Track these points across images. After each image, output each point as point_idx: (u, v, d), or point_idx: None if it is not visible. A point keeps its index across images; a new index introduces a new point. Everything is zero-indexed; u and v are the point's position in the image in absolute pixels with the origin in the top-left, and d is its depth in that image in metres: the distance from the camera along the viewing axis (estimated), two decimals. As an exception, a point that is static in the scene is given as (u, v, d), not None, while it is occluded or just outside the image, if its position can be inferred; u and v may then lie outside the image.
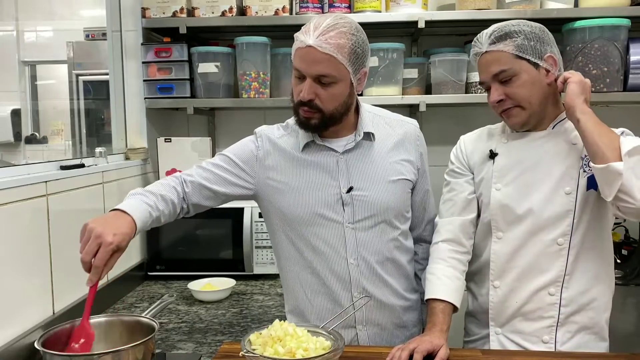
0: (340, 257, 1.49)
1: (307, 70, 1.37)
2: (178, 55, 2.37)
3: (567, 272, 1.46)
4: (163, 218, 1.45)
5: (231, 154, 1.55)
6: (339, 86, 1.39)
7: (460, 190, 1.59)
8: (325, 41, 1.34)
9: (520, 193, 1.48)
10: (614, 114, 2.57)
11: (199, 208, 1.54)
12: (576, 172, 1.45)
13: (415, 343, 1.35)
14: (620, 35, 2.19)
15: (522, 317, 1.51)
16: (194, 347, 1.64)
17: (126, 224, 1.31)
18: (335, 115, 1.43)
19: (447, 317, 1.47)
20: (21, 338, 1.48)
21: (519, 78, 1.43)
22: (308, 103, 1.39)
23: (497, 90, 1.45)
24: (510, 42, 1.42)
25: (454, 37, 2.58)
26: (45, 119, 3.92)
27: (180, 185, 1.50)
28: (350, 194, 1.48)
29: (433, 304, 1.49)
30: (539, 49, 1.42)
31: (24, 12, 3.80)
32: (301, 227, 1.49)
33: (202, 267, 2.28)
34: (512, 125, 1.50)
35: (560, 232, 1.45)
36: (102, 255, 1.23)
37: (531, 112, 1.45)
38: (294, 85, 1.44)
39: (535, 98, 1.44)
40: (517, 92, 1.43)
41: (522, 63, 1.42)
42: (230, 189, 1.53)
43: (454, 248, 1.57)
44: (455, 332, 1.61)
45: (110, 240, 1.24)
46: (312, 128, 1.45)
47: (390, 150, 1.53)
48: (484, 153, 1.56)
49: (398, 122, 1.58)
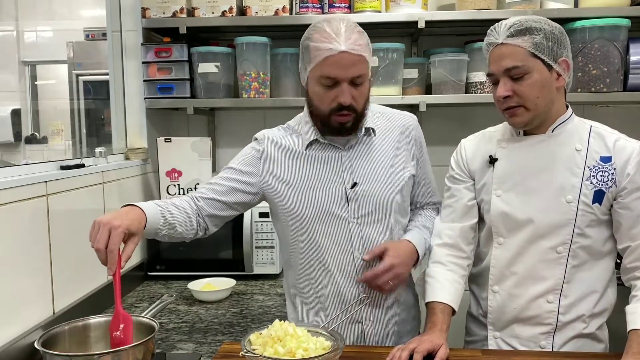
0: (346, 252, 1.51)
1: (344, 74, 1.39)
2: (178, 55, 2.37)
3: (566, 280, 1.45)
4: (179, 226, 1.46)
5: (234, 164, 1.59)
6: (367, 83, 1.46)
7: (460, 197, 1.58)
8: (355, 43, 1.38)
9: (521, 200, 1.47)
10: (614, 114, 2.58)
11: (216, 220, 1.57)
12: (578, 181, 1.42)
13: (415, 343, 1.35)
14: (620, 35, 2.19)
15: (520, 322, 1.51)
16: (194, 347, 1.64)
17: (134, 213, 1.34)
18: (364, 112, 1.48)
19: (447, 317, 1.47)
20: (21, 338, 1.47)
21: (531, 77, 1.38)
22: (347, 107, 1.42)
23: (505, 85, 1.40)
24: (529, 39, 1.37)
25: (454, 37, 2.59)
26: (45, 119, 3.91)
27: (192, 201, 1.54)
28: (354, 190, 1.50)
29: (433, 305, 1.50)
30: (555, 50, 1.38)
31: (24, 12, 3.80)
32: (308, 223, 1.51)
33: (202, 267, 2.28)
34: (514, 125, 1.47)
35: (560, 240, 1.44)
36: (115, 239, 1.25)
37: (535, 114, 1.42)
38: (320, 94, 1.43)
39: (542, 100, 1.40)
40: (526, 91, 1.39)
41: (537, 62, 1.38)
42: (240, 196, 1.56)
43: (453, 253, 1.56)
44: (456, 332, 1.62)
45: (118, 223, 1.26)
46: (347, 130, 1.47)
47: (391, 144, 1.55)
48: (484, 158, 1.54)
49: (396, 116, 1.60)
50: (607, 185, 1.42)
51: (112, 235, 1.25)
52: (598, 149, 1.44)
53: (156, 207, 1.42)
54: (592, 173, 1.42)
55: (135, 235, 1.31)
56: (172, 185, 2.43)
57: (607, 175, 1.42)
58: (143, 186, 2.41)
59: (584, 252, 1.45)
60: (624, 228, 1.42)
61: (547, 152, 1.45)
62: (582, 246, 1.44)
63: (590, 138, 1.45)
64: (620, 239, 1.44)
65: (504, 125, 1.57)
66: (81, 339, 1.38)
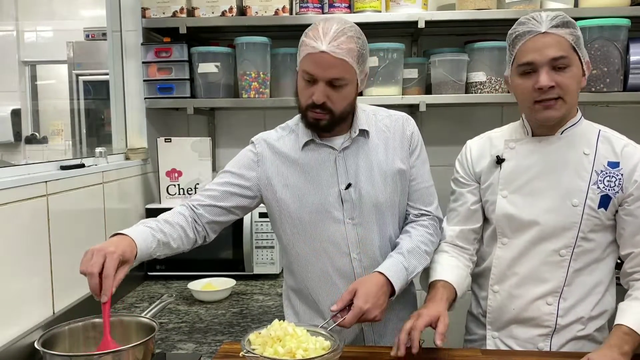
0: (343, 254, 1.51)
1: (321, 74, 1.39)
2: (178, 55, 2.37)
3: (567, 283, 1.45)
4: (174, 243, 1.45)
5: (231, 167, 1.58)
6: (349, 88, 1.43)
7: (464, 200, 1.58)
8: (338, 46, 1.37)
9: (527, 201, 1.46)
10: (614, 114, 2.58)
11: (216, 226, 1.56)
12: (585, 185, 1.42)
13: (412, 320, 1.33)
14: (620, 35, 2.19)
15: (518, 323, 1.51)
16: (194, 347, 1.64)
17: (125, 241, 1.32)
18: (343, 115, 1.47)
19: (447, 291, 1.45)
20: (21, 338, 1.48)
21: (572, 70, 1.37)
22: (320, 105, 1.42)
23: (548, 74, 1.35)
24: (571, 32, 1.36)
25: (454, 37, 2.58)
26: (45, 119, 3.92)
27: (188, 210, 1.53)
28: (349, 191, 1.49)
29: (434, 283, 1.48)
30: (584, 50, 1.40)
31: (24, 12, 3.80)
32: (304, 225, 1.51)
33: (202, 267, 2.28)
34: (547, 119, 1.41)
35: (564, 243, 1.44)
36: (110, 263, 1.23)
37: (569, 108, 1.41)
38: (301, 88, 1.45)
39: (575, 96, 1.40)
40: (569, 83, 1.36)
41: (575, 57, 1.38)
42: (238, 200, 1.55)
43: (457, 250, 1.58)
44: (456, 331, 1.62)
45: (113, 249, 1.24)
46: (321, 129, 1.48)
47: (385, 146, 1.54)
48: (490, 159, 1.53)
49: (389, 117, 1.59)
50: (613, 191, 1.41)
51: (107, 260, 1.23)
52: (606, 153, 1.43)
53: (146, 231, 1.39)
54: (600, 178, 1.42)
55: (127, 264, 1.29)
56: (172, 185, 2.43)
57: (614, 181, 1.41)
58: (143, 186, 2.41)
59: (586, 256, 1.45)
60: (627, 234, 1.42)
61: (555, 154, 1.45)
62: (585, 250, 1.44)
63: (599, 142, 1.44)
64: (624, 245, 1.44)
65: (510, 126, 1.56)
66: (81, 339, 1.38)
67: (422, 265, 1.50)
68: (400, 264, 1.45)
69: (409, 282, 1.49)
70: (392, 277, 1.41)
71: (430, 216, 1.58)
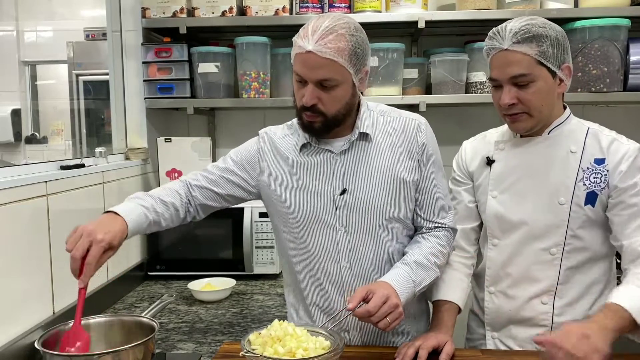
0: (333, 261, 1.46)
1: (309, 75, 1.34)
2: (178, 55, 2.37)
3: (560, 282, 1.46)
4: (164, 222, 1.45)
5: (235, 155, 1.55)
6: (341, 89, 1.36)
7: (460, 199, 1.60)
8: (325, 45, 1.30)
9: (515, 201, 1.47)
10: (614, 114, 2.58)
11: (207, 209, 1.55)
12: (572, 183, 1.42)
13: (421, 340, 1.37)
14: (620, 35, 2.19)
15: (516, 323, 1.52)
16: (194, 347, 1.64)
17: (117, 225, 1.31)
18: (338, 118, 1.40)
19: (452, 315, 1.48)
20: (21, 338, 1.47)
21: (536, 85, 1.36)
22: (310, 108, 1.37)
23: (510, 92, 1.37)
24: (536, 47, 1.34)
25: (454, 37, 2.58)
26: (45, 119, 3.92)
27: (185, 188, 1.51)
28: (343, 197, 1.44)
29: (438, 303, 1.51)
30: (559, 57, 1.36)
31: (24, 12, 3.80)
32: (298, 228, 1.48)
33: (202, 267, 2.28)
34: (516, 130, 1.46)
35: (553, 242, 1.44)
36: (94, 252, 1.23)
37: (538, 121, 1.41)
38: (295, 89, 1.41)
39: (546, 107, 1.39)
40: (531, 99, 1.37)
41: (542, 70, 1.35)
42: (234, 190, 1.53)
43: (457, 253, 1.58)
44: (457, 330, 1.62)
45: (101, 237, 1.24)
46: (315, 131, 1.42)
47: (391, 150, 1.45)
48: (482, 160, 1.55)
49: (399, 119, 1.49)
50: (599, 187, 1.41)
51: (92, 248, 1.23)
52: (593, 150, 1.43)
53: (140, 212, 1.37)
54: (586, 175, 1.42)
55: (112, 250, 1.28)
56: (172, 185, 2.42)
57: (600, 177, 1.41)
58: (143, 186, 2.41)
59: (579, 254, 1.45)
60: (616, 227, 1.42)
61: (543, 154, 1.45)
62: (577, 248, 1.44)
63: (587, 139, 1.45)
64: (614, 238, 1.44)
65: (504, 127, 1.57)
66: (81, 339, 1.38)
67: (431, 278, 1.43)
68: (407, 274, 1.38)
69: (416, 295, 1.41)
70: (398, 288, 1.33)
71: (446, 227, 1.50)
